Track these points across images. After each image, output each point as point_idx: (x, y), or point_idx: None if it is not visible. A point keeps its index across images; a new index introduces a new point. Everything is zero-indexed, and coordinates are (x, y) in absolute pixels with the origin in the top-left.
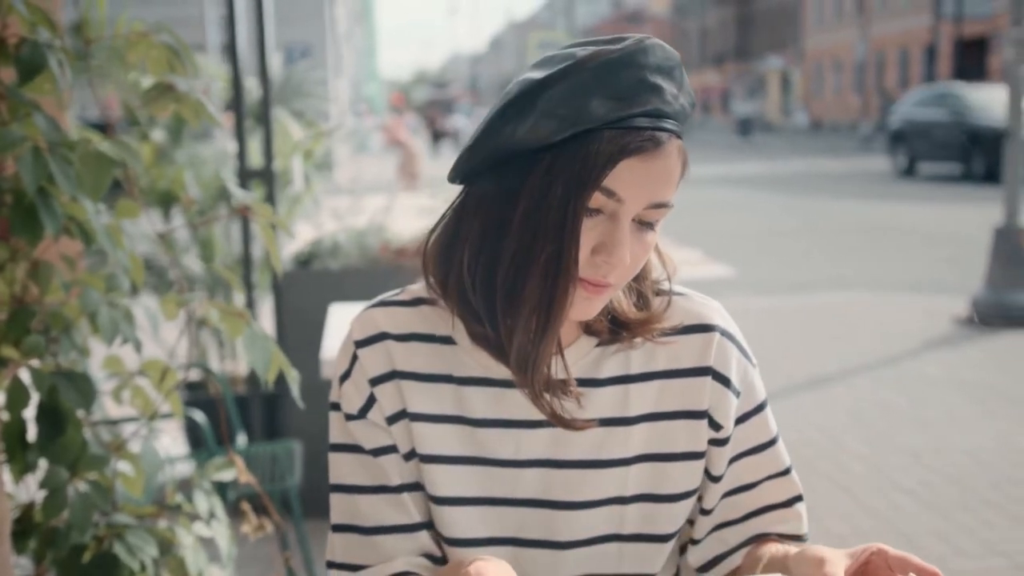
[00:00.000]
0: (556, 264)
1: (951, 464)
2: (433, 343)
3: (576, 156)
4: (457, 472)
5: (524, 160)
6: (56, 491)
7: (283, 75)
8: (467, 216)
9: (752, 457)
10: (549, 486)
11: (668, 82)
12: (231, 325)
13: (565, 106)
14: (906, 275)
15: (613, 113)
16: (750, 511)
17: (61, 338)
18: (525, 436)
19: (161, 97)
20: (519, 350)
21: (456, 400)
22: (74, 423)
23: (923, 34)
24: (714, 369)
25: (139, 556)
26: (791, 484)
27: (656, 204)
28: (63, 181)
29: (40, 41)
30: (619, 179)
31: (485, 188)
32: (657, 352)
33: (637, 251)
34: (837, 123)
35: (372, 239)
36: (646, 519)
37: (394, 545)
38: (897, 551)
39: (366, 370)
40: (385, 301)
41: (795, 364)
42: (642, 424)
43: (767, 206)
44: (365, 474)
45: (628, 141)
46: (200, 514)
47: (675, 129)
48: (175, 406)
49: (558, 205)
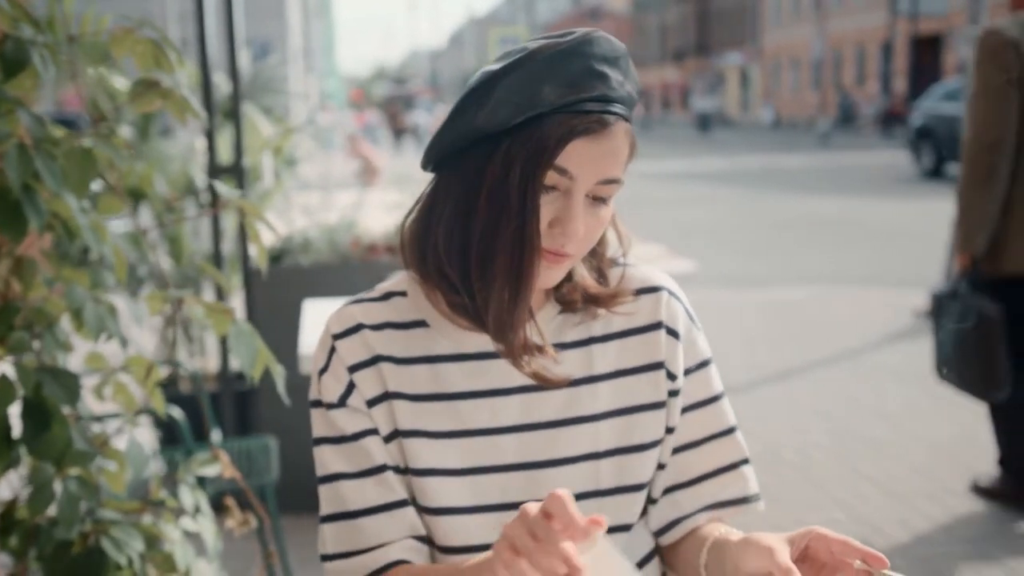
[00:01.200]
0: (520, 237)
1: (914, 454)
2: (406, 329)
3: (531, 138)
4: (440, 446)
5: (486, 145)
6: (43, 487)
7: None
8: (439, 200)
9: (697, 412)
10: (526, 449)
11: (614, 70)
12: (216, 321)
13: (519, 93)
14: (867, 269)
15: (563, 98)
16: (699, 475)
17: (45, 334)
18: (500, 404)
19: (146, 93)
20: (495, 318)
21: (433, 378)
22: (59, 419)
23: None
24: (665, 324)
25: (125, 551)
26: (736, 445)
27: (606, 180)
28: (48, 177)
29: (24, 37)
30: (570, 158)
31: (453, 173)
32: (614, 316)
33: (591, 224)
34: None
35: (343, 235)
36: (620, 472)
37: (380, 525)
38: (837, 535)
39: (344, 359)
40: (358, 299)
41: (758, 358)
42: (608, 381)
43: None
44: (347, 461)
45: (577, 123)
46: (186, 509)
47: (622, 113)
48: (157, 403)
49: (518, 184)
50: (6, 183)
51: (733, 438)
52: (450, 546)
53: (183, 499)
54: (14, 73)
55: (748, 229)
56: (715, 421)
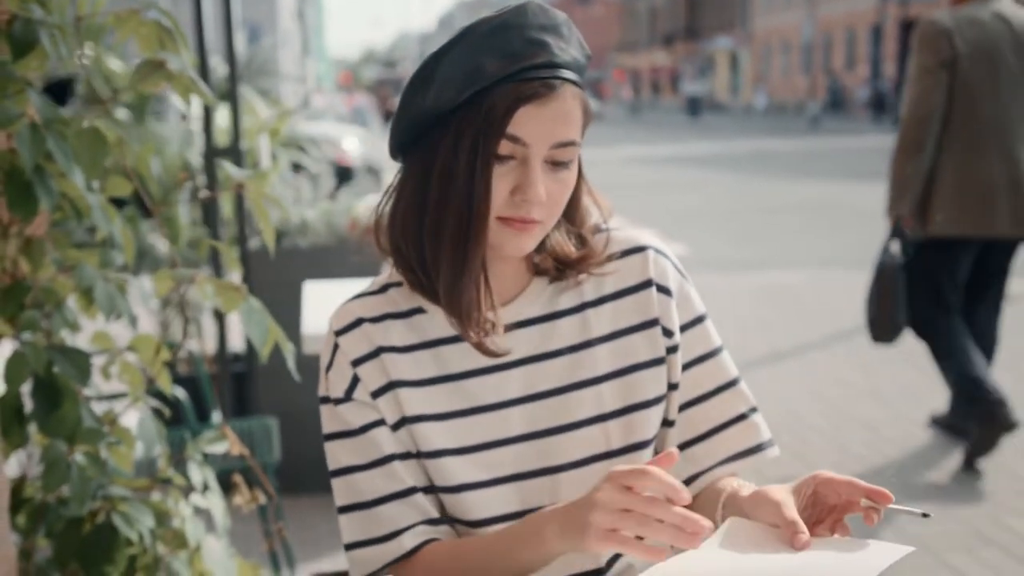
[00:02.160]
0: (468, 204)
1: (907, 435)
2: (405, 317)
3: (479, 111)
4: (450, 426)
5: (439, 125)
6: (56, 463)
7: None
8: (402, 185)
9: (700, 366)
10: (534, 419)
11: (553, 37)
12: (227, 299)
13: (461, 70)
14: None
15: (505, 69)
16: (711, 428)
17: (54, 314)
18: (503, 378)
19: (152, 74)
20: (445, 287)
21: (437, 361)
22: (71, 397)
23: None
24: (655, 281)
25: (136, 527)
26: (742, 395)
27: (560, 143)
28: (60, 158)
29: (33, 18)
30: (520, 125)
31: (412, 157)
32: (605, 280)
33: (554, 189)
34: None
35: (340, 217)
36: (628, 430)
37: (393, 513)
38: (842, 477)
39: (347, 354)
40: (358, 294)
41: (751, 341)
42: (605, 344)
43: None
44: (356, 454)
45: (523, 90)
46: (195, 486)
47: (568, 77)
48: (164, 382)
49: (468, 155)
50: (16, 163)
51: (738, 389)
52: (476, 519)
53: (192, 476)
54: (23, 53)
55: (740, 213)
56: (718, 374)
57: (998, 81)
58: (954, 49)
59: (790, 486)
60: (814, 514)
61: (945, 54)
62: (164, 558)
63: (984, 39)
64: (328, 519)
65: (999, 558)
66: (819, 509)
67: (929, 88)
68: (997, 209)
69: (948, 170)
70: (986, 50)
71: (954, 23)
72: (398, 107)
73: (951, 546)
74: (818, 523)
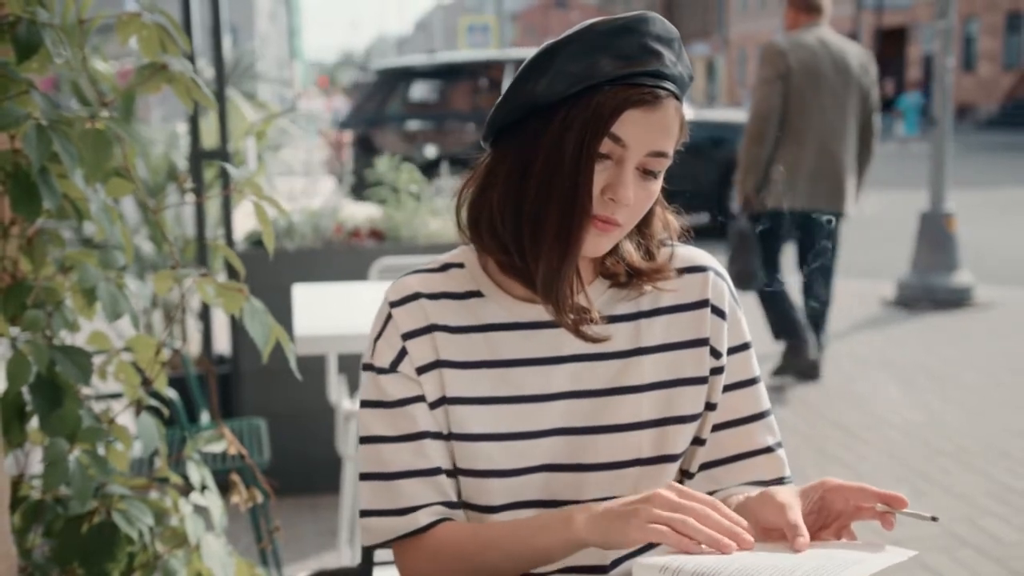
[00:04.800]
0: (572, 198)
1: (884, 439)
2: (462, 299)
3: (588, 107)
4: (489, 411)
5: (544, 114)
6: (57, 462)
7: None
8: (495, 167)
9: (738, 392)
10: (572, 415)
11: (667, 50)
12: (228, 300)
13: (577, 64)
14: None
15: (619, 70)
16: (737, 453)
17: (54, 313)
18: (551, 371)
19: (154, 77)
20: (544, 275)
21: (488, 346)
22: (71, 396)
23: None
24: (711, 302)
25: (136, 525)
26: (772, 428)
27: (656, 152)
28: (66, 158)
29: (37, 20)
30: (624, 128)
31: (511, 141)
32: (663, 292)
33: (640, 196)
34: None
35: (327, 220)
36: (660, 442)
37: (414, 489)
38: (852, 484)
39: (399, 327)
40: (417, 269)
41: None
42: (654, 355)
43: None
44: (390, 425)
45: (631, 94)
46: (194, 485)
47: (674, 90)
48: (160, 383)
49: (573, 148)
50: (20, 163)
51: (769, 421)
52: (494, 505)
53: (191, 475)
54: (28, 55)
55: None
56: (753, 403)
57: (820, 92)
58: (788, 65)
59: (797, 489)
60: (819, 520)
61: (780, 69)
62: (162, 556)
63: (810, 58)
64: (312, 520)
65: (975, 559)
66: (825, 515)
67: (768, 94)
68: (817, 189)
69: (783, 158)
70: (811, 67)
71: (788, 45)
72: (504, 93)
73: (929, 547)
74: (824, 528)
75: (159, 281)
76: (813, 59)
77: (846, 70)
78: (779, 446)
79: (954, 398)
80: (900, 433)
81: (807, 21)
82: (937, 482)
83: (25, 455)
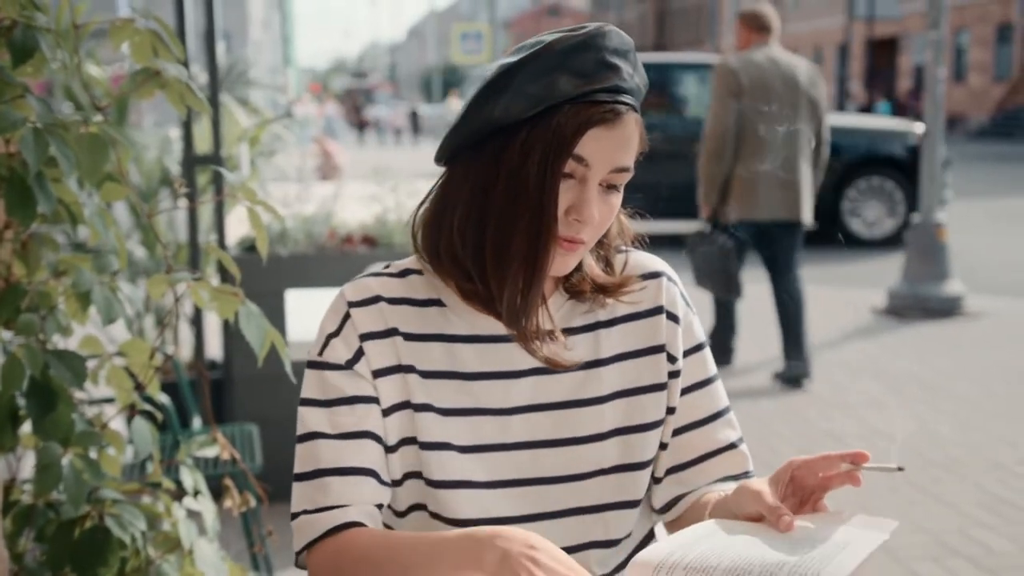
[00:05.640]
0: (538, 222)
1: (874, 448)
2: (422, 306)
3: (549, 128)
4: (450, 423)
5: (502, 136)
6: (50, 466)
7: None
8: (453, 189)
9: (696, 393)
10: (534, 429)
11: (624, 63)
12: (223, 304)
13: (535, 84)
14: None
15: (578, 89)
16: (702, 453)
17: (48, 318)
18: (512, 385)
19: (147, 82)
20: (509, 302)
21: (448, 357)
22: (65, 400)
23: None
24: (665, 308)
25: (129, 530)
26: (733, 425)
27: (618, 168)
28: (63, 162)
29: (33, 24)
30: (587, 147)
31: (469, 164)
32: (619, 301)
33: (604, 211)
34: None
35: (320, 226)
36: (624, 451)
37: (349, 487)
38: (815, 456)
39: (358, 327)
40: (376, 273)
41: None
42: (613, 364)
43: None
44: (331, 423)
45: (593, 113)
46: (187, 489)
47: (632, 104)
48: (153, 388)
49: (537, 171)
50: (15, 167)
51: (730, 418)
52: (463, 519)
53: (184, 480)
54: (23, 60)
55: None
56: (712, 402)
57: (771, 108)
58: (740, 84)
59: (767, 477)
60: (796, 500)
61: (733, 88)
62: (155, 561)
63: (760, 76)
64: None
65: (966, 568)
66: (800, 494)
67: (722, 112)
68: (773, 200)
69: (740, 173)
70: (762, 84)
71: (740, 64)
72: (462, 113)
73: (919, 556)
74: (801, 505)
75: (153, 285)
76: (763, 76)
77: (795, 84)
78: (741, 441)
79: (945, 408)
80: (890, 442)
81: (758, 40)
82: (928, 492)
83: (17, 460)
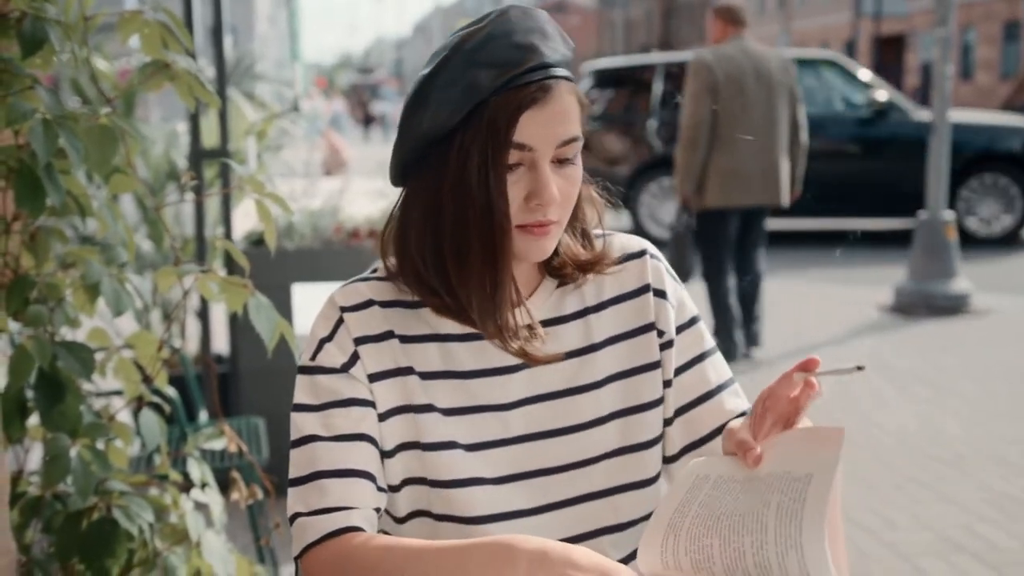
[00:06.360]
0: (489, 220)
1: (878, 444)
2: (414, 308)
3: (482, 125)
4: (451, 422)
5: (440, 146)
6: (59, 458)
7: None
8: (408, 208)
9: (699, 366)
10: (533, 421)
11: (540, 38)
12: (232, 296)
13: (453, 89)
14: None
15: (499, 79)
16: (717, 426)
17: (56, 309)
18: (507, 380)
19: (156, 75)
20: (479, 307)
21: (445, 356)
22: (73, 392)
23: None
24: (652, 286)
25: (137, 521)
26: (740, 394)
27: (564, 141)
28: (72, 153)
29: (43, 15)
30: (525, 132)
31: (417, 180)
32: (604, 283)
33: (564, 186)
34: None
35: (326, 221)
36: (626, 432)
37: (348, 489)
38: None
39: (352, 331)
40: (365, 277)
41: None
42: (606, 348)
43: None
44: (327, 426)
45: (521, 97)
46: (194, 482)
47: (560, 74)
48: (161, 380)
49: (478, 170)
50: (24, 159)
51: (735, 388)
52: (474, 516)
53: (191, 472)
54: (32, 51)
55: None
56: (716, 373)
57: (746, 99)
58: (714, 77)
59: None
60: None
61: (708, 81)
62: (162, 553)
63: (734, 69)
64: None
65: (971, 565)
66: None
67: (697, 105)
68: (751, 186)
69: (715, 161)
70: (736, 78)
71: (714, 58)
72: (398, 133)
73: (924, 552)
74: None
75: (161, 277)
76: (737, 68)
77: (768, 74)
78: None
79: (951, 405)
80: (895, 439)
81: (732, 33)
82: (934, 488)
83: (24, 451)
